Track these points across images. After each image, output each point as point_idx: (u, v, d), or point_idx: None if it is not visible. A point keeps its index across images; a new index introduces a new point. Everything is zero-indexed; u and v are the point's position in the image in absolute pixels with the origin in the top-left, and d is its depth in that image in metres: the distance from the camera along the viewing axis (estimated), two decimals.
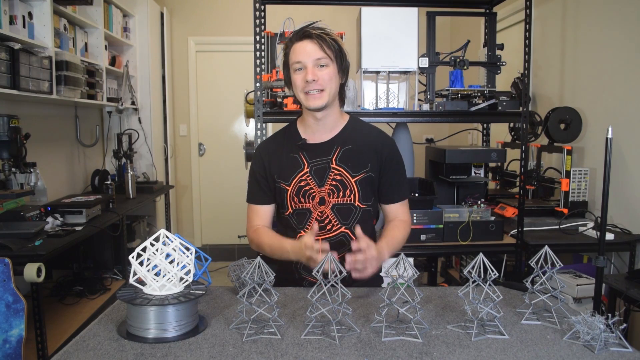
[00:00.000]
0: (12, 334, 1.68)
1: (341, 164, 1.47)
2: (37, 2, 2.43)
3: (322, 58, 1.39)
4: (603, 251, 1.54)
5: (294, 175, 1.48)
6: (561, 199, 2.46)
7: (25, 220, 2.16)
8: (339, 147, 1.48)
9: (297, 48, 1.41)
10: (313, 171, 1.47)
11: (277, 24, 2.27)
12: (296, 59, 1.40)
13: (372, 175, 1.48)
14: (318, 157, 1.48)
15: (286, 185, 1.48)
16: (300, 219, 1.49)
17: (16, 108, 2.57)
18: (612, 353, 0.99)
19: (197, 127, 4.76)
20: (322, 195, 1.47)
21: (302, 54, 1.40)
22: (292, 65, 1.42)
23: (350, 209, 1.47)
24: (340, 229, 1.47)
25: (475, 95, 2.33)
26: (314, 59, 1.39)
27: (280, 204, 1.53)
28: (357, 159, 1.47)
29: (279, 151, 1.53)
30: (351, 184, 1.46)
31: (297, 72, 1.42)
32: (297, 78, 1.42)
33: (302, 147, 1.50)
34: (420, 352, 0.99)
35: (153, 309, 1.04)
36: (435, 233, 2.24)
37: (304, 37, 1.41)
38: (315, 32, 1.41)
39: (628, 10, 2.33)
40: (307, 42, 1.40)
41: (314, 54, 1.39)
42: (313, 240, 1.28)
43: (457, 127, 3.17)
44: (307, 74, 1.39)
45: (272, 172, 1.51)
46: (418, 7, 2.20)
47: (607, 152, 1.47)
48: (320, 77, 1.39)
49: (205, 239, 4.86)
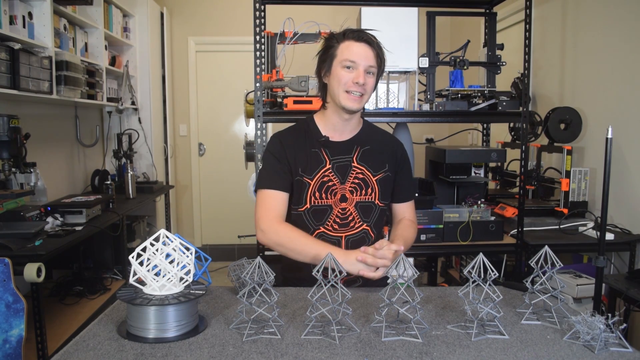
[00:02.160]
0: (12, 334, 1.68)
1: (362, 163, 1.52)
2: (37, 2, 2.43)
3: (374, 67, 1.44)
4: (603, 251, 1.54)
5: (317, 171, 1.49)
6: (561, 199, 2.46)
7: (25, 220, 2.16)
8: (358, 147, 1.53)
9: (354, 47, 1.42)
10: (335, 168, 1.50)
11: (277, 24, 2.27)
12: (351, 57, 1.41)
13: (390, 175, 1.55)
14: (340, 155, 1.51)
15: (309, 180, 1.48)
16: (318, 215, 1.49)
17: (16, 108, 2.57)
18: (612, 353, 0.99)
19: (197, 127, 4.76)
20: (344, 192, 1.50)
21: (358, 55, 1.42)
22: (342, 61, 1.42)
23: (371, 207, 1.52)
24: (362, 226, 1.52)
25: (475, 95, 2.33)
26: (367, 65, 1.42)
27: (297, 199, 1.49)
28: (376, 159, 1.53)
29: (301, 144, 1.52)
30: (372, 182, 1.51)
31: (347, 70, 1.43)
32: (345, 75, 1.42)
33: (324, 144, 1.51)
34: (420, 352, 0.99)
35: (153, 309, 1.04)
36: (435, 233, 2.24)
37: (363, 40, 1.43)
38: (375, 40, 1.45)
39: (628, 10, 2.33)
40: (366, 46, 1.43)
41: (369, 60, 1.43)
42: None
43: (457, 127, 3.17)
44: (358, 75, 1.41)
45: (297, 164, 1.49)
46: (418, 7, 2.20)
47: (607, 152, 1.47)
48: (367, 83, 1.43)
49: (205, 239, 4.86)
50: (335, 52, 1.44)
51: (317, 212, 1.49)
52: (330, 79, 1.46)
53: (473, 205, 2.29)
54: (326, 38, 1.49)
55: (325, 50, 1.47)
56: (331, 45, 1.45)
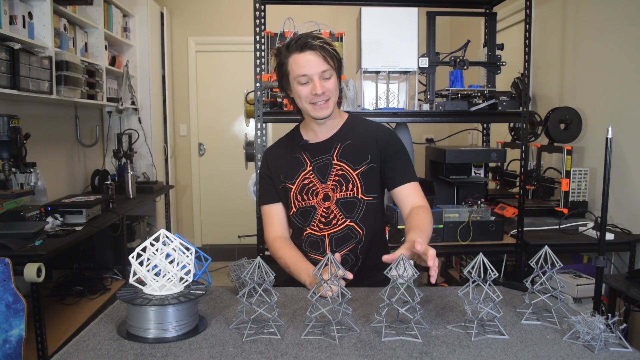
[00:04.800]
0: (12, 334, 1.68)
1: (342, 159, 1.50)
2: (37, 2, 2.43)
3: (327, 70, 1.41)
4: (603, 251, 1.54)
5: (297, 175, 1.52)
6: (561, 199, 2.46)
7: (25, 220, 2.16)
8: (339, 143, 1.52)
9: (299, 60, 1.39)
10: (315, 169, 1.51)
11: (277, 24, 2.27)
12: (300, 72, 1.39)
13: (374, 165, 1.50)
14: (319, 155, 1.52)
15: (291, 184, 1.53)
16: (304, 216, 1.53)
17: (16, 108, 2.57)
18: (612, 353, 0.99)
19: (197, 127, 4.76)
20: (326, 191, 1.50)
21: (306, 67, 1.39)
22: (295, 77, 1.41)
23: (354, 202, 1.50)
24: (346, 222, 1.50)
25: (475, 95, 2.33)
26: (319, 72, 1.39)
27: (285, 205, 1.57)
28: (358, 152, 1.51)
29: (283, 153, 1.58)
30: (353, 177, 1.49)
31: (303, 85, 1.41)
32: (303, 90, 1.42)
33: (304, 147, 1.54)
34: (420, 352, 0.99)
35: (153, 309, 1.04)
36: (435, 233, 2.24)
37: (306, 48, 1.39)
38: (317, 42, 1.39)
39: (628, 10, 2.33)
40: (310, 54, 1.39)
41: (319, 67, 1.39)
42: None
43: (457, 127, 3.17)
44: (315, 87, 1.39)
45: (278, 173, 1.55)
46: (418, 7, 2.20)
47: (607, 152, 1.47)
48: (327, 88, 1.42)
49: (205, 239, 4.86)
50: (287, 68, 1.43)
51: (303, 213, 1.53)
52: (293, 94, 1.47)
53: (473, 205, 2.29)
54: (275, 54, 1.48)
55: (278, 67, 1.46)
56: (282, 62, 1.44)
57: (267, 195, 1.59)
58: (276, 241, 1.55)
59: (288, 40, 1.45)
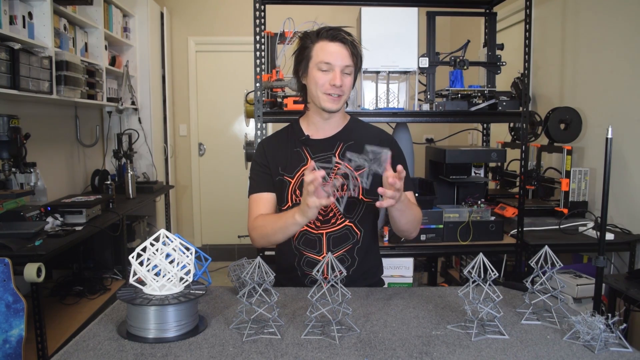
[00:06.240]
0: (12, 334, 1.68)
1: (344, 158, 1.48)
2: (37, 2, 2.43)
3: (350, 66, 1.42)
4: (603, 251, 1.54)
5: (297, 169, 1.49)
6: (561, 199, 2.46)
7: (25, 220, 2.16)
8: (341, 143, 1.51)
9: (328, 48, 1.40)
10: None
11: (277, 24, 2.27)
12: (325, 59, 1.40)
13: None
14: (321, 153, 1.50)
15: (290, 178, 1.49)
16: None
17: (16, 108, 2.57)
18: (612, 353, 0.99)
19: (197, 127, 4.76)
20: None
21: (333, 56, 1.39)
22: (317, 63, 1.41)
23: (355, 202, 1.49)
24: (345, 222, 1.49)
25: (475, 95, 2.33)
26: (342, 65, 1.40)
27: (280, 198, 1.52)
28: (360, 153, 1.48)
29: (282, 145, 1.54)
30: (354, 177, 1.47)
31: (323, 72, 1.41)
32: (322, 77, 1.41)
33: (305, 142, 1.52)
34: (420, 352, 0.99)
35: (153, 309, 1.04)
36: (435, 233, 2.24)
37: (337, 40, 1.40)
38: (349, 38, 1.41)
39: (628, 10, 2.33)
40: (340, 46, 1.40)
41: (344, 60, 1.40)
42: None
43: (457, 127, 3.17)
44: (335, 77, 1.39)
45: (277, 164, 1.51)
46: (418, 7, 2.20)
47: (607, 152, 1.47)
48: (345, 83, 1.42)
49: (205, 239, 4.86)
50: (310, 53, 1.43)
51: None
52: (308, 81, 1.46)
53: (473, 205, 2.29)
54: (300, 37, 1.48)
55: (300, 51, 1.46)
56: (306, 46, 1.44)
57: (262, 184, 1.53)
58: (258, 216, 1.48)
59: (319, 28, 1.45)
